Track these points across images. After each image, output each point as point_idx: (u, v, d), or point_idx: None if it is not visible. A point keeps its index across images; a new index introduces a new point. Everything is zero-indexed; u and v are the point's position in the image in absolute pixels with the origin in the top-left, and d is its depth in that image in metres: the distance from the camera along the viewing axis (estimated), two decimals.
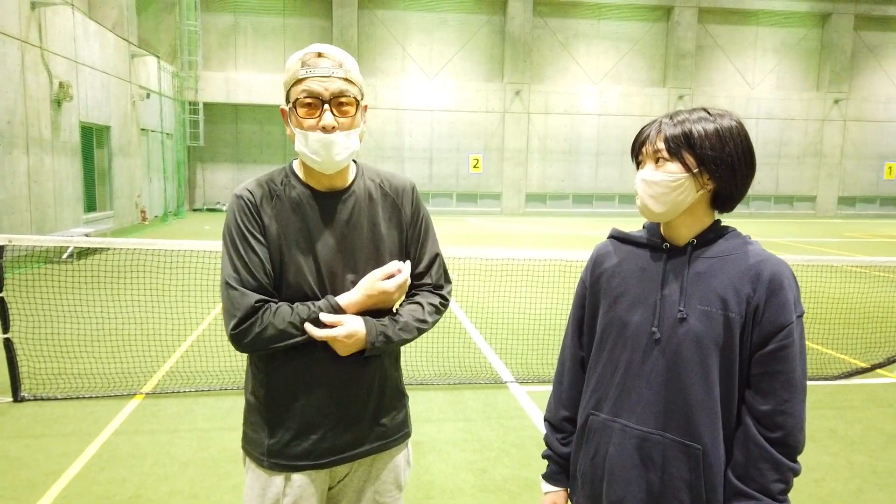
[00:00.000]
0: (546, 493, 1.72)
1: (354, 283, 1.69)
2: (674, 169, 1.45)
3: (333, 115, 1.59)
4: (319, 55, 1.59)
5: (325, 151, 1.60)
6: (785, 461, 1.40)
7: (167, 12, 22.36)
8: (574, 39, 25.47)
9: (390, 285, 1.67)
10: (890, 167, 27.52)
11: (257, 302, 1.59)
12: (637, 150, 1.55)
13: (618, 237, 1.66)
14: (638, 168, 1.55)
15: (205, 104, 22.99)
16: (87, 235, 12.34)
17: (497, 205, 25.59)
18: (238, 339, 1.60)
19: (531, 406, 4.89)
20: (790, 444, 1.40)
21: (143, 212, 18.41)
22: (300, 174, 1.71)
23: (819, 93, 26.62)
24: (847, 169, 27.33)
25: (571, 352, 1.71)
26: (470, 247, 14.20)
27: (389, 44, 24.59)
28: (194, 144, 22.90)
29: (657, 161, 1.48)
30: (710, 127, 1.45)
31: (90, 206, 15.09)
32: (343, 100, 1.60)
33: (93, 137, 15.27)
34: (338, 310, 1.63)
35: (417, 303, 1.78)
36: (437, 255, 1.85)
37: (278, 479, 1.70)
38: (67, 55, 13.28)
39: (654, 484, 1.47)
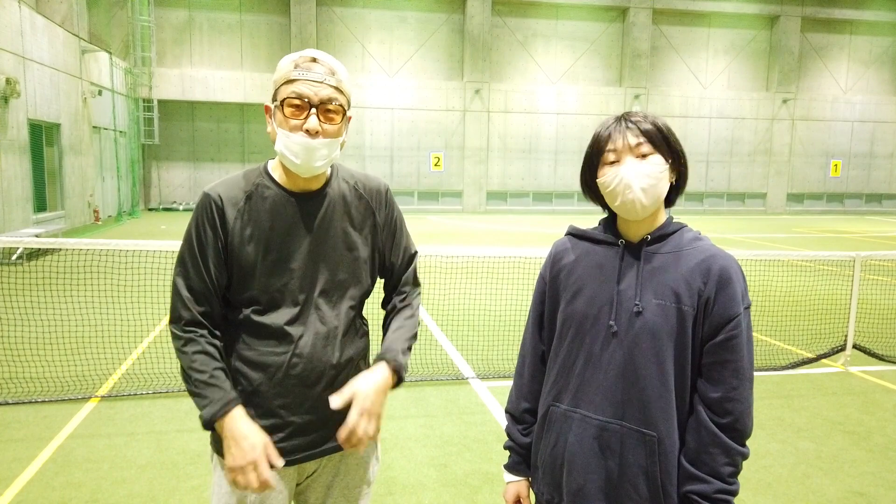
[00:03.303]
0: (508, 483, 1.75)
1: (326, 286, 1.69)
2: (658, 161, 1.51)
3: (319, 120, 1.59)
4: (314, 60, 1.59)
5: (306, 155, 1.59)
6: (734, 446, 1.46)
7: (119, 7, 21.80)
8: (532, 39, 25.70)
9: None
10: (836, 165, 28.53)
11: (195, 313, 1.62)
12: (596, 155, 1.56)
13: (575, 234, 1.70)
14: (596, 174, 1.57)
15: (160, 101, 22.48)
16: (37, 236, 11.97)
17: (458, 203, 25.67)
18: (172, 330, 1.65)
19: (492, 401, 4.95)
20: (739, 429, 1.47)
21: (96, 211, 17.93)
22: (275, 174, 1.69)
23: (768, 93, 27.42)
24: (795, 167, 28.23)
25: (532, 346, 1.75)
26: (432, 245, 14.24)
27: (349, 41, 24.42)
28: (149, 142, 22.37)
29: (638, 156, 1.51)
30: (664, 123, 1.54)
31: (40, 205, 14.63)
32: (330, 107, 1.60)
33: (42, 135, 14.81)
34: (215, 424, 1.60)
35: (410, 315, 1.83)
36: (415, 253, 1.88)
37: None
38: (14, 50, 12.86)
39: (612, 471, 1.52)
